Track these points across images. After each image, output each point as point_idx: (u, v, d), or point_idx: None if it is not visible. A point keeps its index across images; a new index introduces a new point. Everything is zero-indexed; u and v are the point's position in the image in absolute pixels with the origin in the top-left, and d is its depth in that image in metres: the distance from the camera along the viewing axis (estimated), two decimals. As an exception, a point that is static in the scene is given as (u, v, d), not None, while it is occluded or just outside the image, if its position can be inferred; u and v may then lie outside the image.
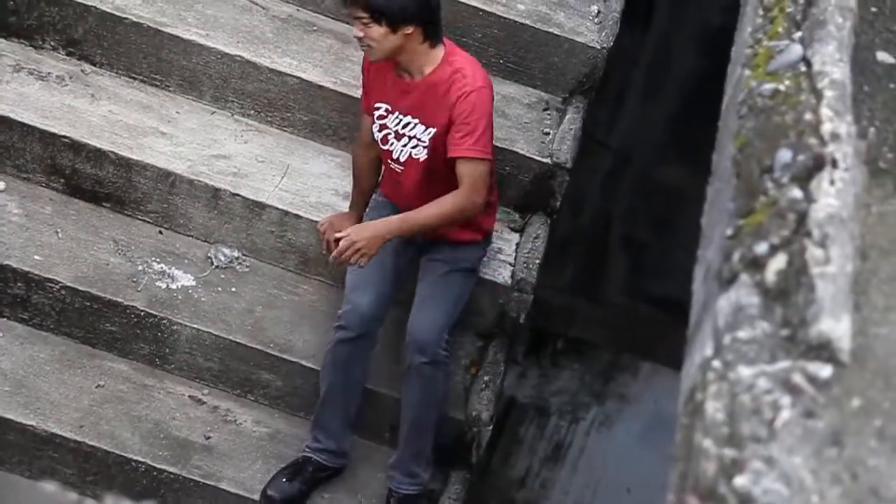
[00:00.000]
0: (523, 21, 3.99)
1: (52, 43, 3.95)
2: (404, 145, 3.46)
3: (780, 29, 2.14)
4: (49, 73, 3.91)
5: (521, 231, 3.93)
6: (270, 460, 3.63)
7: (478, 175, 3.37)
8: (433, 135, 3.42)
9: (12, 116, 3.77)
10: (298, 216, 3.79)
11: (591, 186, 5.29)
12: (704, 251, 2.01)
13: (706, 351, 1.70)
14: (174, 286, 3.73)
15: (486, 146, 3.39)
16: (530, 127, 4.02)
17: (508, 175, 3.89)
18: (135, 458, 3.55)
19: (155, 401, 3.67)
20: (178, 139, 3.88)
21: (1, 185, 3.80)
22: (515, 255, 3.86)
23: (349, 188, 3.76)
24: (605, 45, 4.06)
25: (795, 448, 1.53)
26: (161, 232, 3.84)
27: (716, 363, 1.66)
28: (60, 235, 3.76)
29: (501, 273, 3.79)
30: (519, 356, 5.25)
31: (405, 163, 3.47)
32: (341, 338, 3.48)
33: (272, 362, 3.68)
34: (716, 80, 3.24)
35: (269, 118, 3.99)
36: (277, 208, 3.79)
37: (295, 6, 4.11)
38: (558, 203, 4.04)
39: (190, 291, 3.73)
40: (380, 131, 3.49)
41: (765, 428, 1.55)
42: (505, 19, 4.06)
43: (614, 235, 5.53)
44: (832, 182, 1.82)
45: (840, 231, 1.76)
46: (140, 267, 3.74)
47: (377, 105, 3.48)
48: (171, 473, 3.56)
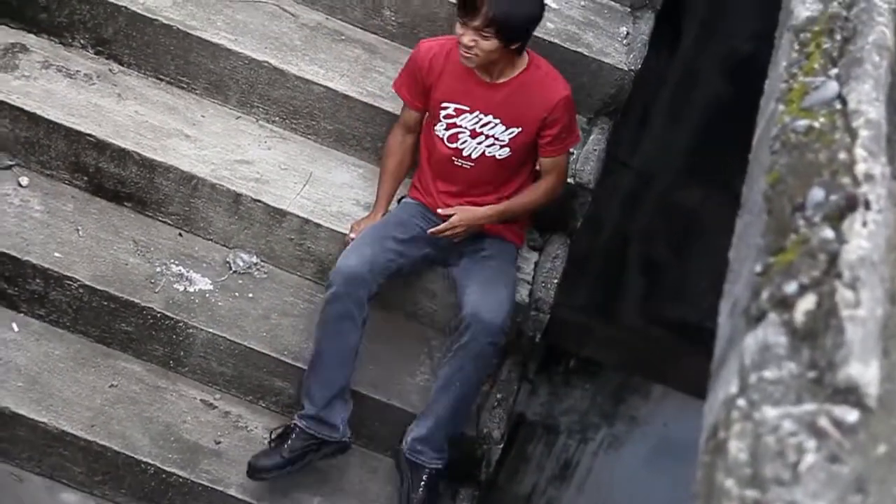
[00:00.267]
0: (552, 40, 3.98)
1: (82, 41, 3.96)
2: (479, 143, 3.52)
3: (817, 65, 2.13)
4: (77, 71, 3.92)
5: (541, 250, 3.92)
6: (280, 468, 3.62)
7: (565, 166, 3.65)
8: (514, 135, 3.50)
9: (39, 113, 3.77)
10: (319, 225, 3.78)
11: (611, 206, 5.28)
12: (732, 286, 1.99)
13: (731, 388, 1.69)
14: (192, 289, 3.73)
15: (576, 135, 3.65)
16: (554, 146, 4.00)
17: (531, 193, 3.89)
18: (144, 460, 3.55)
19: (167, 403, 3.66)
20: (203, 142, 3.88)
21: (24, 181, 3.81)
22: (534, 274, 3.85)
23: (371, 199, 3.75)
24: (633, 67, 4.04)
25: (819, 493, 1.52)
26: (181, 234, 3.84)
27: (741, 402, 1.65)
28: (81, 233, 3.76)
29: (519, 291, 3.77)
30: (531, 373, 5.23)
31: (477, 160, 3.53)
32: (327, 297, 3.45)
33: (286, 370, 3.67)
34: (740, 107, 3.22)
35: (294, 125, 3.98)
36: (298, 216, 3.79)
37: (324, 14, 4.11)
38: (578, 223, 4.03)
39: (207, 295, 3.73)
40: (447, 129, 3.53)
41: (789, 471, 1.54)
42: (534, 37, 4.05)
43: (632, 256, 5.51)
44: (864, 223, 1.80)
45: (871, 274, 1.74)
46: (158, 268, 3.74)
47: (444, 105, 3.51)
48: (180, 477, 3.55)
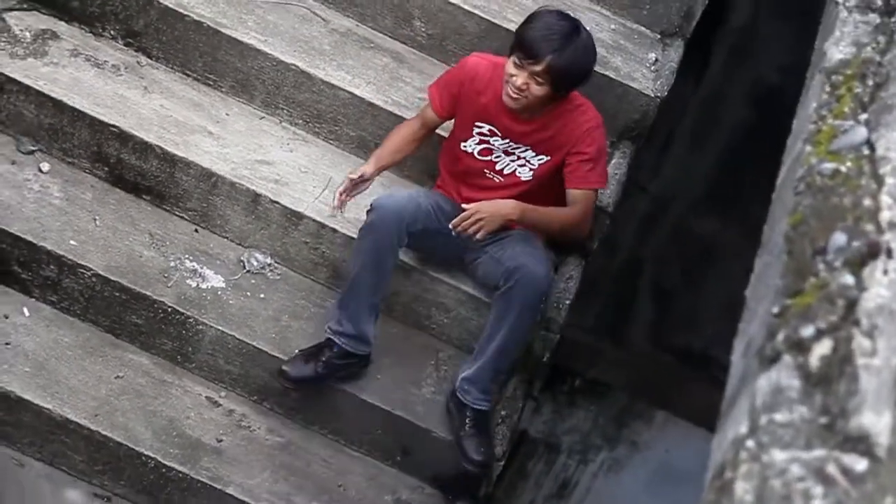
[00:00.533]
0: (580, 61, 3.97)
1: (112, 32, 3.97)
2: (512, 161, 3.54)
3: (847, 108, 2.12)
4: (105, 62, 3.93)
5: (556, 270, 3.92)
6: (280, 471, 3.62)
7: (590, 204, 3.56)
8: (544, 162, 3.52)
9: (65, 100, 3.79)
10: (335, 230, 3.79)
11: (627, 229, 5.27)
12: (747, 325, 1.98)
13: (741, 428, 1.68)
14: (204, 286, 3.74)
15: (603, 176, 3.58)
16: (575, 167, 4.00)
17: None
18: (145, 453, 3.55)
19: (172, 398, 3.67)
20: (225, 140, 3.89)
21: (45, 167, 3.82)
22: (547, 294, 3.84)
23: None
24: (659, 94, 4.04)
25: (824, 541, 1.51)
26: (197, 230, 3.85)
27: (749, 443, 1.64)
28: (98, 223, 3.77)
29: (530, 309, 3.76)
30: (535, 390, 5.22)
31: (508, 176, 3.55)
32: (366, 225, 3.48)
33: (292, 373, 3.67)
34: (763, 138, 3.21)
35: (317, 129, 3.99)
36: (315, 220, 3.79)
37: (355, 21, 4.11)
38: (595, 245, 4.02)
39: (219, 293, 3.74)
40: (479, 144, 3.55)
41: (794, 517, 1.53)
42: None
43: (645, 280, 5.50)
44: (885, 272, 1.80)
45: (889, 323, 1.74)
46: (172, 263, 3.75)
47: (478, 124, 3.54)
48: (180, 472, 3.56)
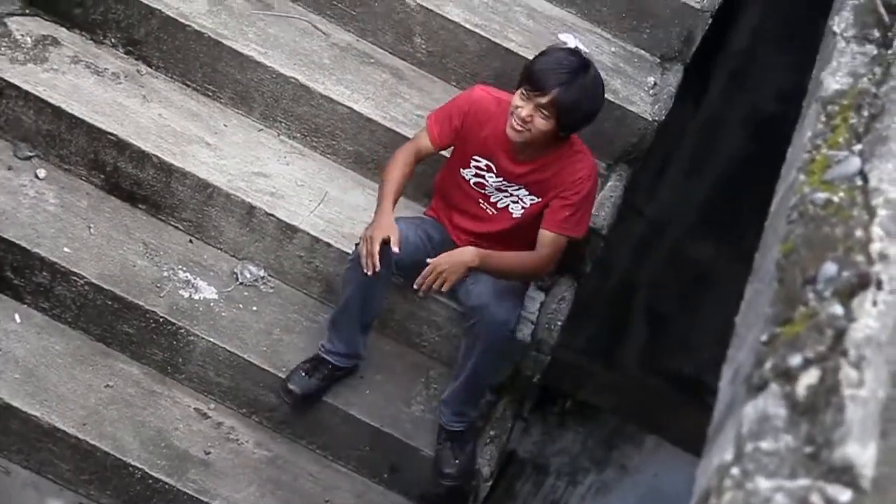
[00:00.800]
0: (579, 83, 3.97)
1: (113, 40, 3.98)
2: (506, 196, 3.54)
3: (841, 139, 2.13)
4: (105, 69, 3.94)
5: (547, 291, 3.92)
6: (267, 485, 3.62)
7: (559, 249, 3.52)
8: (535, 203, 3.51)
9: (63, 107, 3.79)
10: (329, 244, 3.79)
11: (622, 252, 5.27)
12: (736, 352, 1.98)
13: (726, 455, 1.68)
14: (196, 297, 3.73)
15: (580, 224, 3.51)
16: (571, 189, 4.00)
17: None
18: (132, 464, 3.54)
19: (160, 408, 3.66)
20: (222, 152, 3.89)
21: (42, 173, 3.82)
22: (538, 315, 3.85)
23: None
24: (657, 118, 4.05)
25: (805, 571, 1.51)
26: (191, 241, 3.85)
27: (734, 470, 1.64)
28: (92, 231, 3.77)
29: (522, 330, 3.77)
30: (525, 411, 5.22)
31: (501, 210, 3.55)
32: (354, 256, 3.47)
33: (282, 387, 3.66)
34: (760, 164, 3.21)
35: (315, 143, 4.00)
36: (309, 234, 3.79)
37: (355, 36, 4.13)
38: (588, 267, 4.03)
39: (211, 304, 3.73)
40: (476, 177, 3.54)
41: (776, 546, 1.53)
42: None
43: (638, 304, 5.50)
44: (875, 303, 1.80)
45: (877, 355, 1.74)
46: (166, 273, 3.75)
47: (476, 157, 3.52)
48: (166, 484, 3.54)
